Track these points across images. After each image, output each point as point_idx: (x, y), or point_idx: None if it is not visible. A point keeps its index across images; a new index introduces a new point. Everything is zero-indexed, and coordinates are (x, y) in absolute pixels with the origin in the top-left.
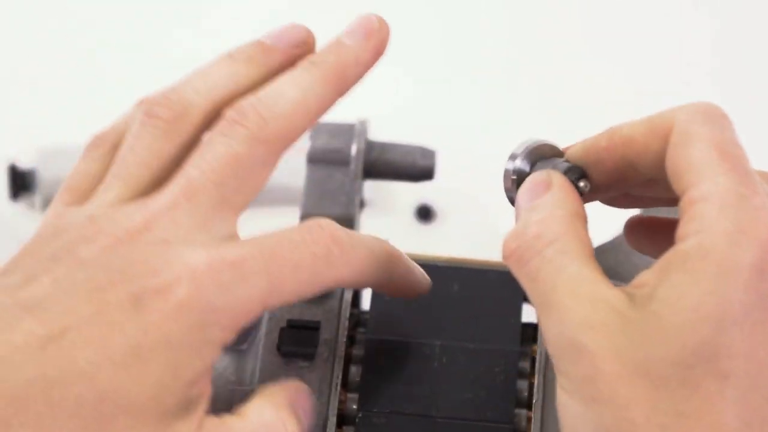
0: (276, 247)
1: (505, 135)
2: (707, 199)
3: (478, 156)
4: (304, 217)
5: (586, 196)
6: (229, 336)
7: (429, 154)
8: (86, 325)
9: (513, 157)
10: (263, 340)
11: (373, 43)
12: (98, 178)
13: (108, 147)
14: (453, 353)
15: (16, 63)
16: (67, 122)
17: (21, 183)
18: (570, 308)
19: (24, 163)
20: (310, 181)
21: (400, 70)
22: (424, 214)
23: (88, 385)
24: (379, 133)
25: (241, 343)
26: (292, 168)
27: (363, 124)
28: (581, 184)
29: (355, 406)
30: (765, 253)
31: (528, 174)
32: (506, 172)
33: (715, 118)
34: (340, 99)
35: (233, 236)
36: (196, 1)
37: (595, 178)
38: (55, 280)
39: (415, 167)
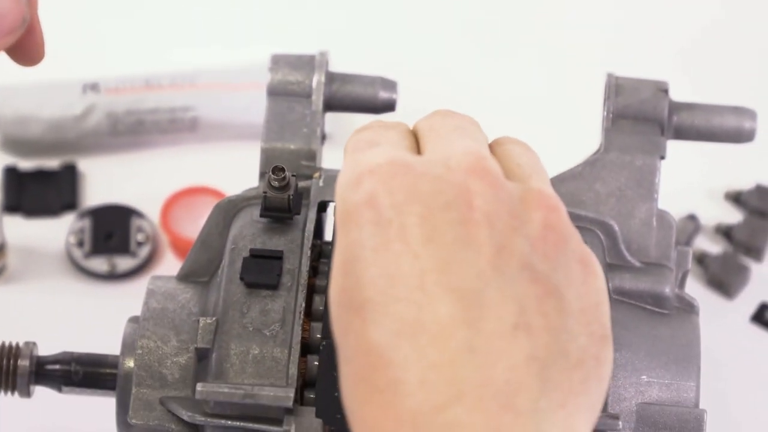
0: None
1: (467, 65)
2: (338, 183)
3: (440, 86)
4: (266, 150)
5: None
6: None
7: (390, 85)
8: None
9: None
10: (226, 270)
11: None
12: None
13: None
14: None
15: None
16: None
17: None
18: None
19: None
20: (271, 113)
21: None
22: None
23: None
24: (339, 65)
25: (203, 275)
26: (253, 104)
27: (323, 56)
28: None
29: (318, 335)
30: (367, 187)
31: None
32: None
33: (368, 127)
34: None
35: None
36: None
37: None
38: None
39: (376, 99)
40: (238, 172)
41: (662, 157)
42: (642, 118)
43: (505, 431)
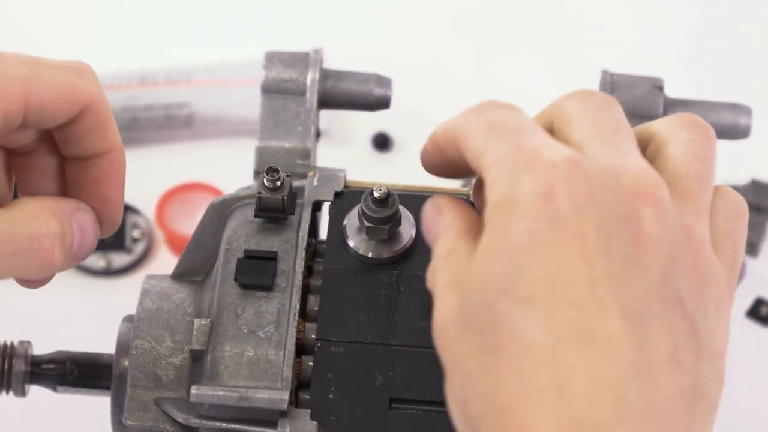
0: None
1: (461, 63)
2: (492, 165)
3: (434, 83)
4: (260, 149)
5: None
6: None
7: (385, 82)
8: None
9: None
10: (220, 271)
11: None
12: None
13: None
14: (411, 282)
15: None
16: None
17: None
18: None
19: None
20: (265, 111)
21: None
22: (381, 143)
23: None
24: (334, 63)
25: (197, 274)
26: (248, 100)
27: (318, 53)
28: (376, 194)
29: (313, 336)
30: (544, 180)
31: None
32: None
33: (484, 106)
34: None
35: None
36: None
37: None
38: None
39: (371, 96)
40: (234, 168)
41: None
42: (637, 115)
43: None
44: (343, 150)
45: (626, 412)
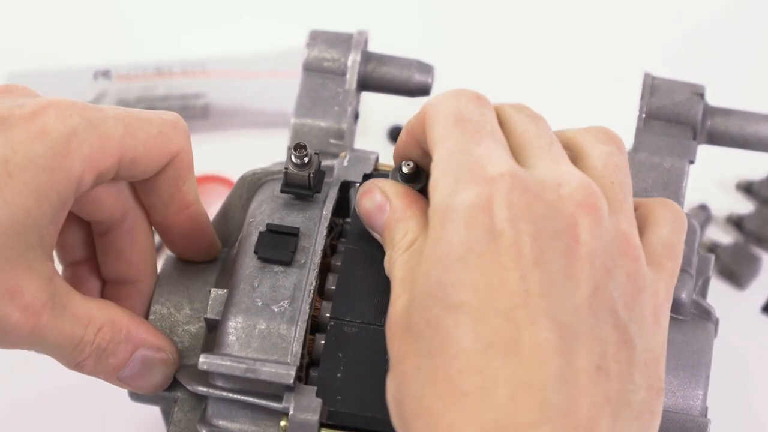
0: (140, 114)
1: (506, 58)
2: (437, 164)
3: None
4: (296, 125)
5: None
6: (89, 174)
7: (426, 69)
8: None
9: None
10: (242, 243)
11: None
12: None
13: None
14: None
15: None
16: (36, 48)
17: None
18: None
19: None
20: (304, 88)
21: None
22: (397, 136)
23: None
24: (378, 46)
25: (223, 246)
26: (265, 92)
27: (362, 35)
28: (404, 170)
29: (328, 315)
30: (483, 192)
31: None
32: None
33: (457, 94)
34: None
35: None
36: None
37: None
38: None
39: (411, 82)
40: (250, 159)
41: (692, 162)
42: (675, 121)
43: None
44: (359, 142)
45: (548, 414)
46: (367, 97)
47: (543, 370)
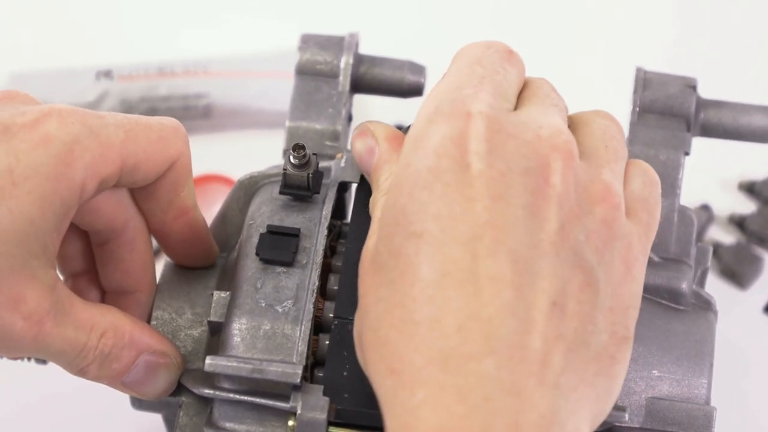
0: (139, 119)
1: None
2: (429, 94)
3: None
4: (291, 128)
5: None
6: (92, 181)
7: (418, 69)
8: None
9: None
10: (243, 245)
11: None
12: None
13: None
14: None
15: None
16: (38, 49)
17: None
18: None
19: None
20: (297, 92)
21: None
22: None
23: None
24: (369, 48)
25: (221, 250)
26: (267, 92)
27: (353, 37)
28: None
29: (331, 315)
30: (458, 125)
31: None
32: None
33: (490, 43)
34: None
35: None
36: None
37: None
38: None
39: (404, 82)
40: (252, 159)
41: (687, 153)
42: (668, 114)
43: (526, 394)
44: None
45: (494, 345)
46: (367, 97)
47: (493, 302)
